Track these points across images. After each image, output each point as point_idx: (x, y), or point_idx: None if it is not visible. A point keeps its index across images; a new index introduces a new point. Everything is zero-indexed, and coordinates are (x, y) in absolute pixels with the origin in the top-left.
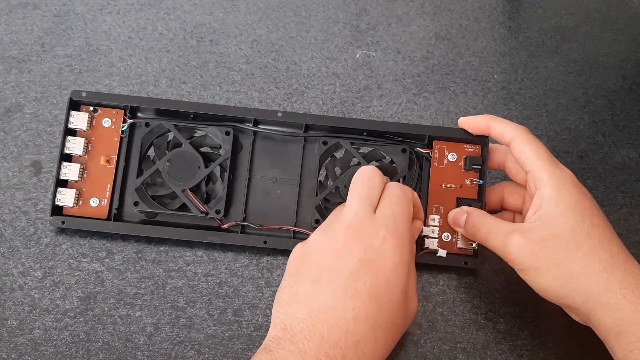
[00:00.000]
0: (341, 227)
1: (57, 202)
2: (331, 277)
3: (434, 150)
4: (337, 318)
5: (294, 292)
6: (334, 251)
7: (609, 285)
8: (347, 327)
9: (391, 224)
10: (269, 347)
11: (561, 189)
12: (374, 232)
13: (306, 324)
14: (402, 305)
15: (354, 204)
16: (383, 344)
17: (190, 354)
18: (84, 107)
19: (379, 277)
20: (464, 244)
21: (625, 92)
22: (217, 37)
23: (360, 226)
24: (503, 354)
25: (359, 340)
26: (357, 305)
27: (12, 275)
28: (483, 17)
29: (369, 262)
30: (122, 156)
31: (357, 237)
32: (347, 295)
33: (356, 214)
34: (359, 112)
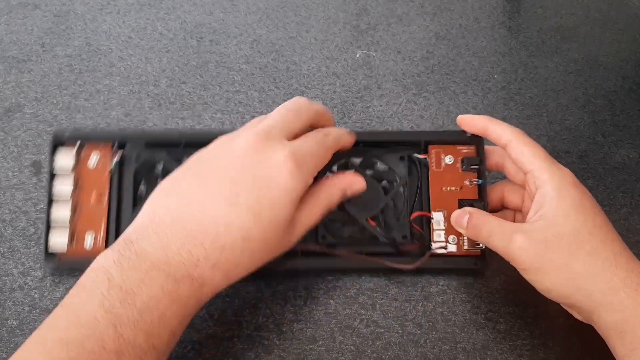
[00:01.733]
0: (247, 134)
1: (50, 249)
2: (218, 179)
3: (430, 154)
4: (210, 220)
5: (177, 184)
6: (231, 155)
7: (612, 284)
8: (217, 231)
9: (297, 153)
10: (130, 238)
11: (562, 189)
12: (277, 151)
13: (177, 217)
14: (280, 231)
15: (272, 120)
16: (249, 258)
17: (190, 354)
18: (70, 144)
19: (265, 195)
20: (470, 245)
21: (625, 92)
22: (217, 37)
23: (266, 141)
24: (503, 354)
25: (225, 246)
26: (233, 213)
27: (12, 275)
28: (483, 17)
29: (261, 177)
30: (114, 191)
31: (260, 149)
32: (227, 201)
33: (267, 128)
34: (359, 112)
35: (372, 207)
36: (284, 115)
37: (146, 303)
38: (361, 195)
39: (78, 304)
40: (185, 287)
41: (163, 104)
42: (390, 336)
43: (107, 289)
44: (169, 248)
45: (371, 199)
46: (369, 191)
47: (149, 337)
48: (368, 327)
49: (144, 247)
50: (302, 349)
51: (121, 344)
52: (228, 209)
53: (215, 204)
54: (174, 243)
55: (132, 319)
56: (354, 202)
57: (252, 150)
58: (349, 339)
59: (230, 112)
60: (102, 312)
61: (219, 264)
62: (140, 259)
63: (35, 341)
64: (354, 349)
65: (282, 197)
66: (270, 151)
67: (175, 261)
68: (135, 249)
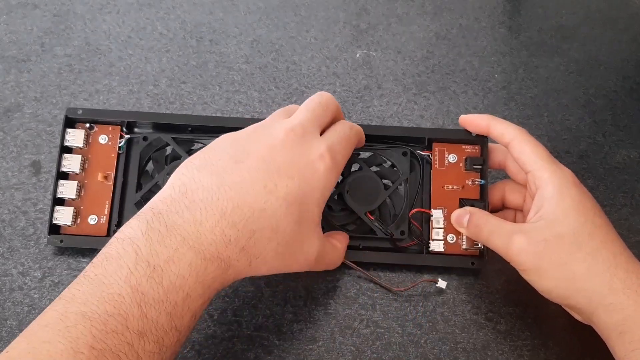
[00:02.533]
0: (284, 127)
1: (55, 221)
2: (257, 164)
3: (434, 152)
4: (245, 202)
5: (210, 162)
6: (269, 144)
7: (612, 285)
8: (251, 214)
9: (333, 150)
10: (159, 209)
11: (562, 189)
12: (315, 146)
13: (211, 194)
14: (306, 229)
15: (303, 114)
16: (272, 251)
17: (190, 355)
18: (80, 125)
19: (302, 188)
20: (469, 244)
21: (626, 92)
22: (217, 36)
23: (303, 135)
24: (503, 355)
25: (256, 230)
26: (270, 200)
27: (12, 276)
28: (483, 16)
29: (299, 169)
30: (120, 172)
31: (297, 141)
32: (264, 187)
33: (303, 123)
34: (359, 112)
35: (372, 202)
36: (314, 109)
37: (173, 282)
38: (362, 189)
39: (103, 277)
40: (212, 267)
41: (163, 104)
42: (391, 336)
43: (134, 263)
44: (202, 224)
45: (371, 194)
46: (370, 186)
47: (172, 319)
48: (368, 328)
49: (175, 220)
50: (302, 349)
51: (145, 324)
52: (265, 196)
53: (253, 189)
54: (207, 220)
55: (157, 299)
56: (354, 196)
57: (291, 142)
58: (349, 339)
59: (230, 112)
60: (128, 288)
61: (247, 247)
62: (170, 232)
63: (55, 314)
64: (354, 349)
65: (316, 193)
66: (309, 146)
67: (207, 239)
68: (165, 221)
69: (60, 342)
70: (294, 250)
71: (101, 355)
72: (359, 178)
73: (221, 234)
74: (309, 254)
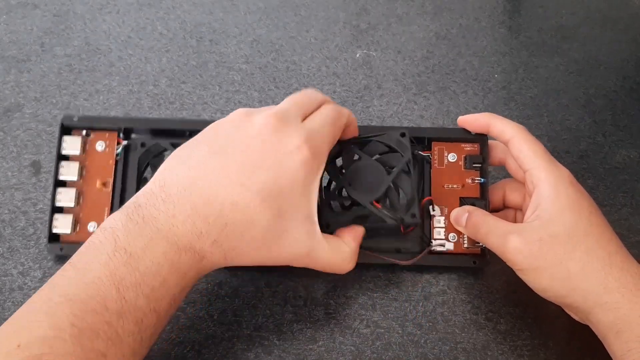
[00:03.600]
0: (264, 116)
1: (54, 229)
2: (232, 156)
3: (433, 151)
4: (217, 196)
5: (190, 155)
6: (247, 134)
7: (607, 284)
8: (222, 208)
9: (312, 138)
10: (140, 202)
11: (559, 188)
12: (293, 137)
13: (186, 188)
14: (288, 225)
15: (286, 103)
16: (248, 244)
17: (190, 355)
18: (76, 131)
19: (278, 181)
20: (470, 243)
21: (626, 92)
22: (217, 36)
23: (282, 124)
24: (503, 355)
25: (227, 224)
26: (241, 194)
27: (12, 276)
28: (483, 16)
29: (275, 161)
30: (118, 179)
31: (276, 132)
32: (237, 180)
33: (284, 111)
34: (359, 112)
35: (376, 190)
36: (298, 97)
37: (149, 268)
38: (364, 178)
39: (85, 263)
40: (186, 257)
41: (162, 104)
42: (391, 336)
43: (112, 250)
44: (175, 217)
45: (374, 182)
46: (371, 173)
47: (150, 301)
48: (368, 328)
49: (151, 212)
50: (302, 349)
51: (123, 305)
52: (237, 189)
53: (225, 181)
54: (180, 213)
55: (134, 282)
56: (357, 186)
57: (268, 132)
58: (349, 339)
59: (230, 112)
60: (107, 272)
61: (220, 240)
62: (146, 224)
63: (40, 297)
64: (354, 349)
65: (297, 185)
66: (287, 136)
67: (179, 231)
68: (143, 213)
69: (43, 321)
70: (276, 244)
71: (81, 333)
72: (359, 167)
73: (192, 227)
74: (297, 249)
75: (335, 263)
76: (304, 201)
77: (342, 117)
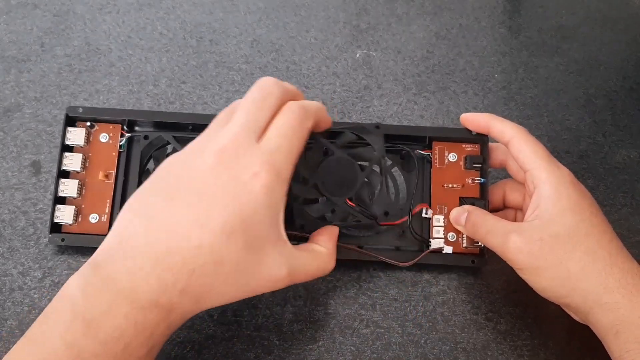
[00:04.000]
0: (214, 149)
1: (56, 219)
2: (188, 199)
3: (434, 151)
4: (179, 243)
5: (144, 202)
6: (199, 172)
7: (608, 285)
8: (187, 254)
9: (271, 160)
10: (97, 261)
11: (560, 188)
12: (248, 164)
13: (145, 241)
14: (253, 252)
15: (237, 124)
16: (222, 282)
17: (190, 355)
18: (81, 123)
19: (237, 214)
20: (469, 243)
21: (626, 92)
22: (217, 36)
23: (235, 153)
24: (503, 354)
25: (195, 269)
26: (204, 235)
27: (12, 276)
28: (483, 16)
29: (232, 195)
30: (121, 170)
31: (228, 165)
32: (197, 222)
33: (234, 139)
34: (359, 112)
35: (349, 187)
36: (248, 111)
37: (110, 334)
38: (337, 175)
39: (40, 337)
40: (152, 315)
41: (162, 104)
42: (391, 337)
43: (70, 320)
44: (136, 273)
45: (347, 179)
46: (344, 170)
47: None
48: (368, 328)
49: (110, 272)
50: (302, 349)
51: None
52: (197, 232)
53: (185, 226)
54: (141, 268)
55: (94, 352)
56: (329, 184)
57: (222, 166)
58: (349, 339)
59: None
60: (64, 347)
61: (188, 288)
62: (105, 285)
63: None
64: (354, 350)
65: (261, 214)
66: (241, 164)
67: (142, 288)
68: (101, 274)
69: None
70: (252, 276)
71: None
72: (332, 164)
73: (157, 281)
74: (275, 274)
75: (317, 270)
76: (272, 225)
77: (306, 121)
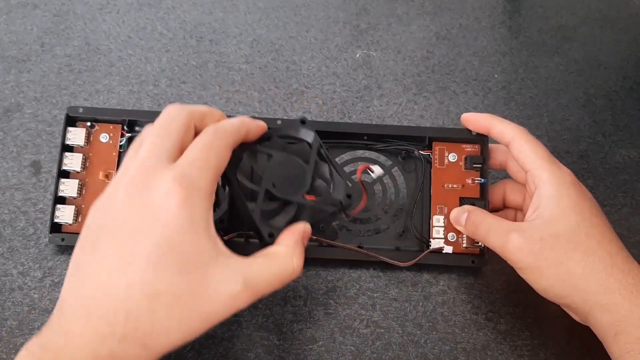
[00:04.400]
0: (123, 181)
1: (56, 219)
2: (109, 240)
3: (434, 151)
4: (110, 288)
5: (76, 260)
6: (114, 211)
7: (608, 285)
8: (118, 297)
9: (184, 173)
10: (40, 331)
11: (561, 188)
12: (159, 186)
13: (77, 297)
14: (191, 274)
15: (143, 152)
16: (166, 317)
17: (190, 355)
18: (81, 123)
19: (160, 238)
20: (469, 243)
21: (626, 92)
22: (217, 36)
23: (144, 180)
24: (503, 354)
25: (131, 310)
26: (132, 272)
27: (12, 276)
28: (483, 16)
29: (149, 221)
30: None
31: (139, 193)
32: (122, 261)
33: (141, 166)
34: (359, 112)
35: (301, 182)
36: (154, 137)
37: None
38: (284, 175)
39: None
40: None
41: (162, 104)
42: (391, 336)
43: None
44: (71, 331)
45: (296, 175)
46: (289, 168)
47: None
48: (368, 328)
49: (48, 336)
50: (302, 349)
51: None
52: (124, 269)
53: (110, 269)
54: (76, 325)
55: None
56: (281, 185)
57: (134, 197)
58: (349, 339)
59: (230, 112)
60: None
61: (128, 334)
62: (44, 351)
63: None
64: (354, 349)
65: (188, 232)
66: (152, 187)
67: (78, 344)
68: (41, 341)
69: None
70: (200, 301)
71: None
72: (276, 166)
73: (92, 334)
74: (227, 291)
75: (280, 272)
76: (204, 240)
77: (223, 139)
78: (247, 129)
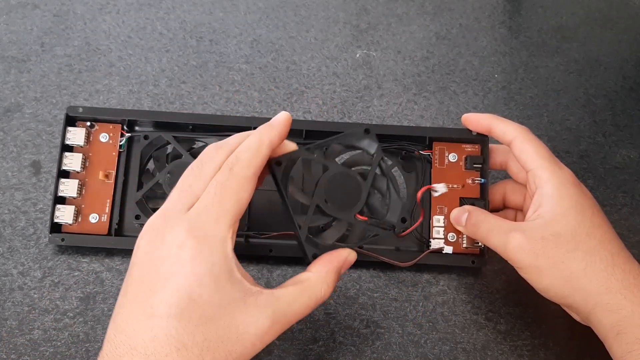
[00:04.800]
0: (145, 230)
1: (56, 219)
2: (134, 292)
3: (434, 151)
4: (137, 340)
5: (118, 302)
6: (137, 255)
7: (609, 285)
8: (146, 349)
9: (196, 224)
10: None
11: (562, 188)
12: (174, 238)
13: (112, 345)
14: (217, 322)
15: (168, 201)
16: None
17: None
18: (81, 123)
19: (179, 293)
20: (469, 243)
21: (626, 92)
22: (217, 36)
23: (161, 232)
24: (503, 354)
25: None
26: (155, 325)
27: (12, 276)
28: (483, 16)
29: (166, 275)
30: (120, 170)
31: (156, 243)
32: (145, 314)
33: (163, 214)
34: (359, 112)
35: (356, 199)
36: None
37: None
38: (338, 190)
39: None
40: None
41: (162, 104)
42: (391, 336)
43: None
44: None
45: (351, 191)
46: (345, 182)
47: None
48: (368, 328)
49: None
50: (302, 349)
51: None
52: (148, 323)
53: (136, 321)
54: None
55: None
56: (333, 201)
57: (153, 248)
58: (349, 339)
59: (230, 112)
60: None
61: None
62: None
63: None
64: (354, 349)
65: (201, 286)
66: (167, 241)
67: None
68: None
69: None
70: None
71: None
72: (330, 181)
73: None
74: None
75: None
76: (226, 287)
77: (243, 170)
78: (270, 143)
